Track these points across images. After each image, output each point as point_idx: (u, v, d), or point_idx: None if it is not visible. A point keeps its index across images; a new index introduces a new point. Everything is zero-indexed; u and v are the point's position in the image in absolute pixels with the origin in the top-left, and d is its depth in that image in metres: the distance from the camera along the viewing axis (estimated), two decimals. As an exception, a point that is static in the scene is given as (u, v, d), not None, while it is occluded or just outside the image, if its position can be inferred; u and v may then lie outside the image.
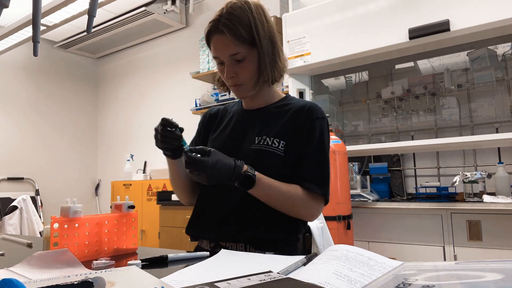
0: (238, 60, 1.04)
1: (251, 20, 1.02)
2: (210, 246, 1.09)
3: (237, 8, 1.02)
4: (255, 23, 1.02)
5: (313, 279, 0.53)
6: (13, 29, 3.35)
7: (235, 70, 1.05)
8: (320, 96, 2.89)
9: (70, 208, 0.85)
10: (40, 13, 0.85)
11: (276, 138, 1.07)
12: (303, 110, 1.10)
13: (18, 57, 4.48)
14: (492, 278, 0.40)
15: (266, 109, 1.15)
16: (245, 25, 1.02)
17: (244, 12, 1.02)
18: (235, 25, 1.01)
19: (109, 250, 0.91)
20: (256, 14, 1.03)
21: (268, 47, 1.05)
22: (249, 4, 1.04)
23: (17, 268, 0.71)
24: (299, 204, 1.04)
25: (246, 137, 1.11)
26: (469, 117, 2.53)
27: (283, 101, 1.16)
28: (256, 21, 1.03)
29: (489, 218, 2.03)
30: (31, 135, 4.56)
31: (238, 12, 1.02)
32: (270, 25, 1.07)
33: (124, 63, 4.98)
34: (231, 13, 1.01)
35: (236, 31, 1.00)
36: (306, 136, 1.07)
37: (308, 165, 1.06)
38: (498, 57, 2.44)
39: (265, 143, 1.06)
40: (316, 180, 1.05)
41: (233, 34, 1.00)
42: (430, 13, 2.15)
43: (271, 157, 1.05)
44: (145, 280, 0.57)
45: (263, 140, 1.07)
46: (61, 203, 0.87)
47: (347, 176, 2.25)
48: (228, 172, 0.93)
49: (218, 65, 1.09)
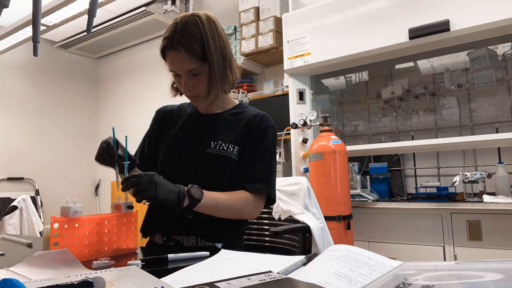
0: (194, 74, 1.10)
1: (204, 36, 1.06)
2: (162, 240, 1.15)
3: (190, 24, 1.06)
4: (207, 39, 1.07)
5: (313, 279, 0.53)
6: (13, 29, 3.35)
7: (192, 83, 1.11)
8: (320, 96, 2.89)
9: (70, 208, 0.85)
10: (40, 13, 0.85)
11: (231, 144, 1.15)
12: (256, 118, 1.19)
13: (18, 57, 4.48)
14: (492, 278, 0.40)
15: (222, 116, 1.22)
16: (198, 42, 1.06)
17: (197, 29, 1.06)
18: (190, 42, 1.05)
19: (109, 250, 0.91)
20: (208, 30, 1.08)
21: (219, 61, 1.10)
22: (201, 19, 1.08)
23: (17, 268, 0.71)
24: (244, 210, 1.11)
25: (201, 141, 1.17)
26: (469, 117, 2.53)
27: (237, 109, 1.24)
28: (208, 37, 1.07)
29: (489, 218, 2.03)
30: (31, 135, 4.56)
31: (191, 29, 1.06)
32: (221, 39, 1.12)
33: (124, 63, 4.98)
34: (185, 30, 1.05)
35: (191, 49, 1.05)
36: (256, 141, 1.17)
37: (254, 166, 1.15)
38: (498, 57, 2.44)
39: (221, 148, 1.14)
40: (260, 180, 1.14)
41: (188, 51, 1.05)
42: (430, 13, 2.15)
43: (226, 162, 1.14)
44: (145, 280, 0.57)
45: (219, 145, 1.15)
46: (61, 203, 0.87)
47: (347, 176, 2.25)
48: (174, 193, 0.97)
49: (175, 76, 1.15)
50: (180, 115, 1.28)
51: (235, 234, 1.18)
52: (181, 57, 1.06)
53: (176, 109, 1.32)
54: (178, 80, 1.14)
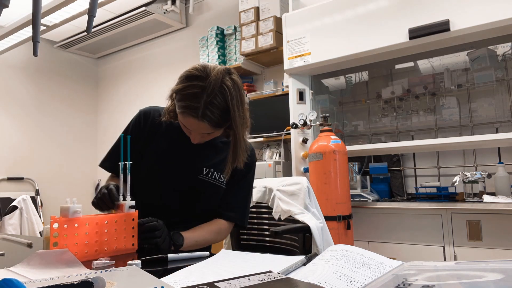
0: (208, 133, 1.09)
1: (231, 108, 1.02)
2: None
3: (219, 97, 1.00)
4: (233, 113, 1.02)
5: (313, 279, 0.53)
6: (13, 29, 3.35)
7: (202, 138, 1.12)
8: (320, 96, 2.89)
9: (69, 208, 0.85)
10: (40, 13, 0.85)
11: (222, 174, 1.21)
12: None
13: (18, 57, 4.48)
14: (492, 278, 0.40)
15: (213, 142, 1.23)
16: (223, 114, 1.02)
17: (224, 102, 1.01)
18: (215, 116, 1.01)
19: (109, 250, 0.91)
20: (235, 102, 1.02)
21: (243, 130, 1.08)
22: (230, 89, 1.02)
23: (17, 268, 0.71)
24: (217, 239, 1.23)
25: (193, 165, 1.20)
26: (469, 117, 2.53)
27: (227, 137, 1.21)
28: (235, 111, 1.02)
29: (489, 218, 2.03)
30: (31, 135, 4.56)
31: (218, 101, 1.00)
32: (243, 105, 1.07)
33: (124, 63, 4.98)
34: (213, 103, 1.00)
35: (214, 122, 1.03)
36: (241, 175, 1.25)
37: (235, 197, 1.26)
38: (498, 57, 2.44)
39: (213, 177, 1.21)
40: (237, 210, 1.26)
41: (211, 124, 1.03)
42: (430, 13, 2.15)
43: (215, 190, 1.22)
44: (145, 280, 0.57)
45: (211, 174, 1.21)
46: (61, 203, 0.87)
47: (347, 176, 2.25)
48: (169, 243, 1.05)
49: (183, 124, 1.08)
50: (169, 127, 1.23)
51: None
52: (203, 126, 1.04)
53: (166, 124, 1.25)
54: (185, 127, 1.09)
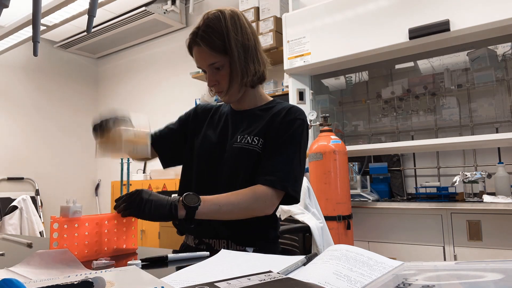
0: (217, 68, 1.10)
1: (224, 29, 1.08)
2: (195, 243, 1.15)
3: (212, 19, 1.09)
4: (227, 33, 1.08)
5: (313, 279, 0.53)
6: (13, 29, 3.35)
7: (216, 78, 1.12)
8: (320, 96, 2.90)
9: (69, 208, 0.85)
10: (40, 13, 0.85)
11: (256, 136, 1.12)
12: (283, 110, 1.14)
13: (18, 57, 4.48)
14: (492, 278, 0.40)
15: (251, 111, 1.20)
16: (219, 35, 1.07)
17: (218, 23, 1.08)
18: (210, 37, 1.07)
19: (109, 250, 0.91)
20: (230, 24, 1.09)
21: (240, 54, 1.09)
22: (224, 14, 1.10)
23: (17, 268, 0.71)
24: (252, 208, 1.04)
25: (229, 136, 1.17)
26: (469, 117, 2.53)
27: (268, 105, 1.21)
28: (229, 30, 1.08)
29: (489, 218, 2.03)
30: (31, 135, 4.56)
31: (213, 23, 1.08)
32: (244, 32, 1.11)
33: (124, 63, 4.98)
34: (207, 25, 1.08)
35: (211, 43, 1.07)
36: (280, 132, 1.11)
37: (273, 159, 1.08)
38: (498, 57, 2.44)
39: (246, 142, 1.12)
40: (276, 173, 1.06)
41: (208, 45, 1.07)
42: (430, 13, 2.15)
43: (249, 154, 1.10)
44: (145, 280, 0.57)
45: (244, 139, 1.13)
46: (61, 203, 0.87)
47: (347, 176, 2.25)
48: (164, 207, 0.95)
49: (204, 73, 1.16)
50: (217, 113, 1.28)
51: (267, 238, 1.14)
52: (203, 52, 1.08)
53: (215, 108, 1.31)
54: (204, 75, 1.15)
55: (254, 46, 1.13)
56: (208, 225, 1.07)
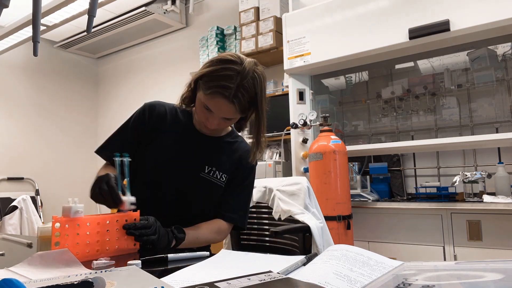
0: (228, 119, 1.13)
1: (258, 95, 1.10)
2: None
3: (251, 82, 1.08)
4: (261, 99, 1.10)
5: (313, 279, 0.53)
6: (13, 29, 3.35)
7: (220, 124, 1.14)
8: (320, 96, 2.89)
9: (71, 208, 0.85)
10: (40, 13, 0.85)
11: (224, 174, 1.23)
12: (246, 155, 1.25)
13: (18, 57, 4.48)
14: (492, 278, 0.40)
15: (217, 142, 1.26)
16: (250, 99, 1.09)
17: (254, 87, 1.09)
18: (245, 100, 1.08)
19: (110, 250, 0.91)
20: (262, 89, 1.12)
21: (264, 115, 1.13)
22: (260, 77, 1.11)
23: (17, 268, 0.71)
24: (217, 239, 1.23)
25: (196, 163, 1.21)
26: (469, 117, 2.53)
27: (230, 137, 1.29)
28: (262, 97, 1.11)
29: (489, 218, 2.03)
30: (31, 135, 4.56)
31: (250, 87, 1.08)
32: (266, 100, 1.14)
33: (124, 63, 4.98)
34: (245, 87, 1.07)
35: (243, 105, 1.08)
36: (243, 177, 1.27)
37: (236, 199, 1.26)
38: (498, 57, 2.44)
39: (214, 176, 1.21)
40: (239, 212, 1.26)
41: (240, 107, 1.08)
42: (430, 13, 2.15)
43: (216, 189, 1.22)
44: (145, 280, 0.57)
45: (213, 172, 1.21)
46: (61, 203, 0.87)
47: (347, 176, 2.25)
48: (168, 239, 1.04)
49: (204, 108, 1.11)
50: (174, 123, 1.25)
51: None
52: (230, 108, 1.08)
53: (170, 113, 1.28)
54: (205, 111, 1.12)
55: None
56: None
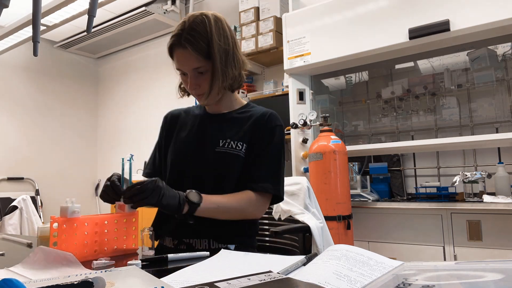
0: (200, 72, 1.11)
1: (209, 34, 1.08)
2: (173, 244, 1.15)
3: (198, 23, 1.08)
4: (211, 37, 1.08)
5: (313, 279, 0.53)
6: (13, 29, 3.35)
7: (198, 82, 1.12)
8: (320, 96, 2.89)
9: (68, 208, 0.85)
10: (40, 13, 0.85)
11: (240, 142, 1.15)
12: (264, 116, 1.19)
13: (18, 57, 4.48)
14: (492, 278, 0.40)
15: (229, 115, 1.22)
16: (204, 39, 1.07)
17: (204, 27, 1.08)
18: (196, 40, 1.07)
19: (108, 250, 0.91)
20: (214, 28, 1.09)
21: (222, 58, 1.10)
22: (209, 18, 1.10)
23: (17, 268, 0.71)
24: (246, 210, 1.11)
25: (210, 140, 1.18)
26: (469, 117, 2.53)
27: (245, 108, 1.25)
28: (213, 35, 1.08)
29: (489, 218, 2.03)
30: (31, 135, 4.56)
31: (198, 27, 1.08)
32: (226, 36, 1.12)
33: (124, 63, 4.98)
34: (193, 28, 1.07)
35: (197, 46, 1.06)
36: (264, 140, 1.17)
37: (263, 165, 1.15)
38: (498, 57, 2.44)
39: (230, 146, 1.15)
40: (269, 180, 1.14)
41: (194, 49, 1.06)
42: (430, 13, 2.15)
43: (234, 159, 1.14)
44: (145, 280, 0.57)
45: (227, 143, 1.15)
46: (61, 203, 0.87)
47: (347, 176, 2.25)
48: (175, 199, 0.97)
49: (181, 75, 1.16)
50: (188, 117, 1.28)
51: (247, 235, 1.18)
52: (188, 55, 1.07)
53: (184, 112, 1.32)
54: (185, 79, 1.14)
55: (232, 50, 1.14)
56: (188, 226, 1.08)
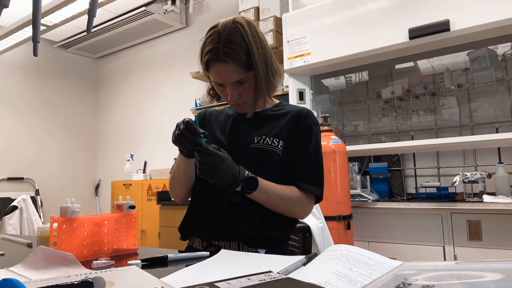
0: (240, 83, 1.07)
1: (248, 44, 1.03)
2: (203, 246, 1.12)
3: (234, 33, 1.03)
4: (251, 47, 1.04)
5: (313, 279, 0.53)
6: (13, 29, 3.35)
7: (238, 92, 1.08)
8: (320, 96, 2.89)
9: (68, 208, 0.85)
10: (40, 13, 0.85)
11: (275, 138, 1.11)
12: (301, 114, 1.16)
13: (18, 57, 4.48)
14: (492, 278, 0.40)
15: (263, 113, 1.19)
16: (243, 51, 1.03)
17: (241, 37, 1.03)
18: (236, 53, 1.02)
19: (108, 250, 0.91)
20: (251, 37, 1.04)
21: (263, 68, 1.07)
22: (243, 25, 1.04)
23: (17, 268, 0.71)
24: (296, 205, 1.09)
25: (244, 138, 1.14)
26: (469, 117, 2.53)
27: (278, 106, 1.21)
28: (252, 44, 1.04)
29: (489, 218, 2.03)
30: (31, 135, 4.56)
31: (235, 38, 1.02)
32: (263, 44, 1.09)
33: (124, 63, 4.98)
34: (230, 40, 1.02)
35: (238, 59, 1.02)
36: (304, 139, 1.13)
37: (306, 166, 1.12)
38: (498, 57, 2.44)
39: (265, 142, 1.11)
40: (313, 180, 1.11)
41: (236, 63, 1.02)
42: (430, 13, 2.15)
43: (271, 155, 1.10)
44: (145, 280, 0.57)
45: (263, 140, 1.11)
46: (61, 203, 0.87)
47: (347, 176, 2.25)
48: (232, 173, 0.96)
49: (217, 86, 1.11)
50: (221, 116, 1.25)
51: (279, 240, 1.13)
52: (229, 69, 1.03)
53: (216, 112, 1.28)
54: (221, 89, 1.10)
55: (270, 57, 1.11)
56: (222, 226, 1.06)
